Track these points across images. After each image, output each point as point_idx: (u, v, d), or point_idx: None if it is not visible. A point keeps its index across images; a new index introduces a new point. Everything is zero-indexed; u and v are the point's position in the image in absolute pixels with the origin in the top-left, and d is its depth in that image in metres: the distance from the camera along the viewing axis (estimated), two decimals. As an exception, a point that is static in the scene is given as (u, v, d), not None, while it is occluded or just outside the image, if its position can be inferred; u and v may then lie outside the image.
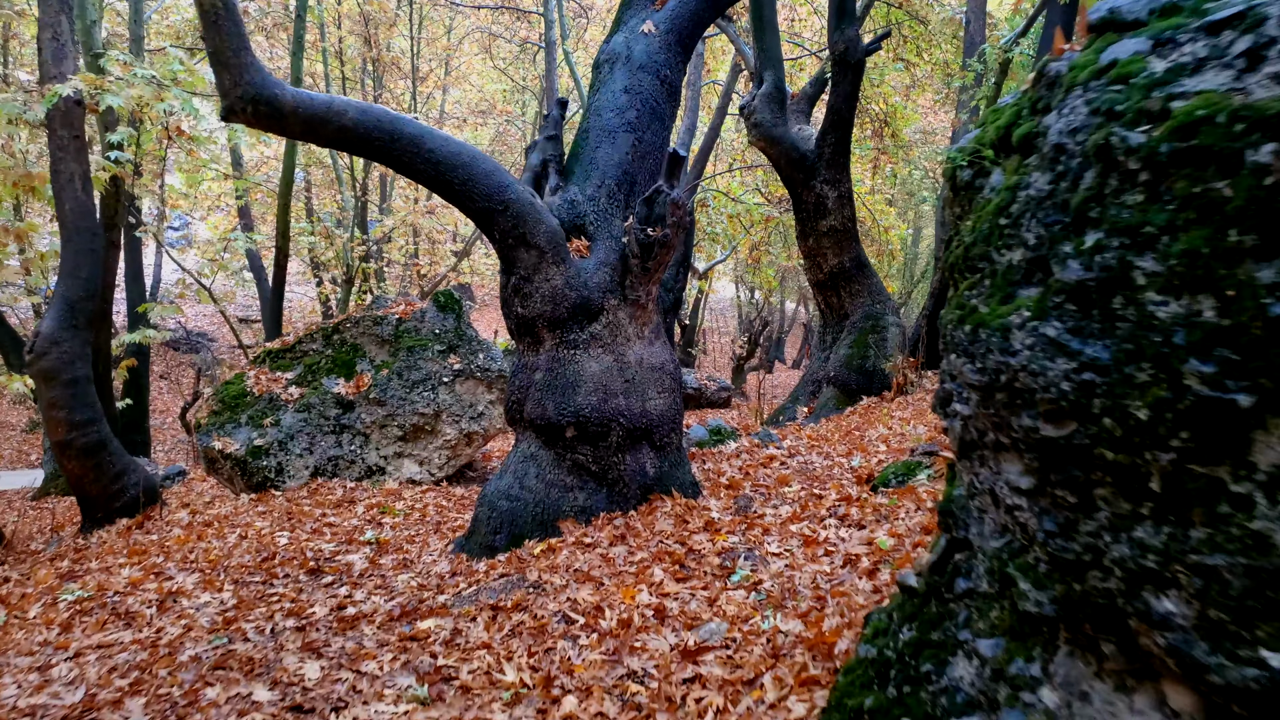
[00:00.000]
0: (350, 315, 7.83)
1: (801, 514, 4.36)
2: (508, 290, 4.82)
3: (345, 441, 7.27)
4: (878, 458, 5.05)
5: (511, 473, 4.78)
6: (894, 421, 6.64)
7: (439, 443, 7.42)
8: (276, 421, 7.22)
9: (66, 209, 6.35)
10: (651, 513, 4.54)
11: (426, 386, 7.42)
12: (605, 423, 4.60)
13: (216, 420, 7.28)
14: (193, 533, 5.74)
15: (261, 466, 7.02)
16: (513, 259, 4.68)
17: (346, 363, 7.62)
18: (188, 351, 20.96)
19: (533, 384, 4.77)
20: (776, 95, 8.88)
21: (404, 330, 7.69)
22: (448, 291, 7.93)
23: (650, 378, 4.78)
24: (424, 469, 7.42)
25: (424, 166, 4.45)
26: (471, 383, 7.56)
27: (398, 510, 6.32)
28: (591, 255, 4.79)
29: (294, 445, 7.14)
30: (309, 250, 19.70)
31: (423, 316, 7.77)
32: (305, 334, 7.86)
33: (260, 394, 7.42)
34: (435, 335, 7.68)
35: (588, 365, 4.67)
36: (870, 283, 9.13)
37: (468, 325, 7.87)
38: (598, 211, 4.87)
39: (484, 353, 7.71)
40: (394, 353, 7.62)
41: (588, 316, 4.68)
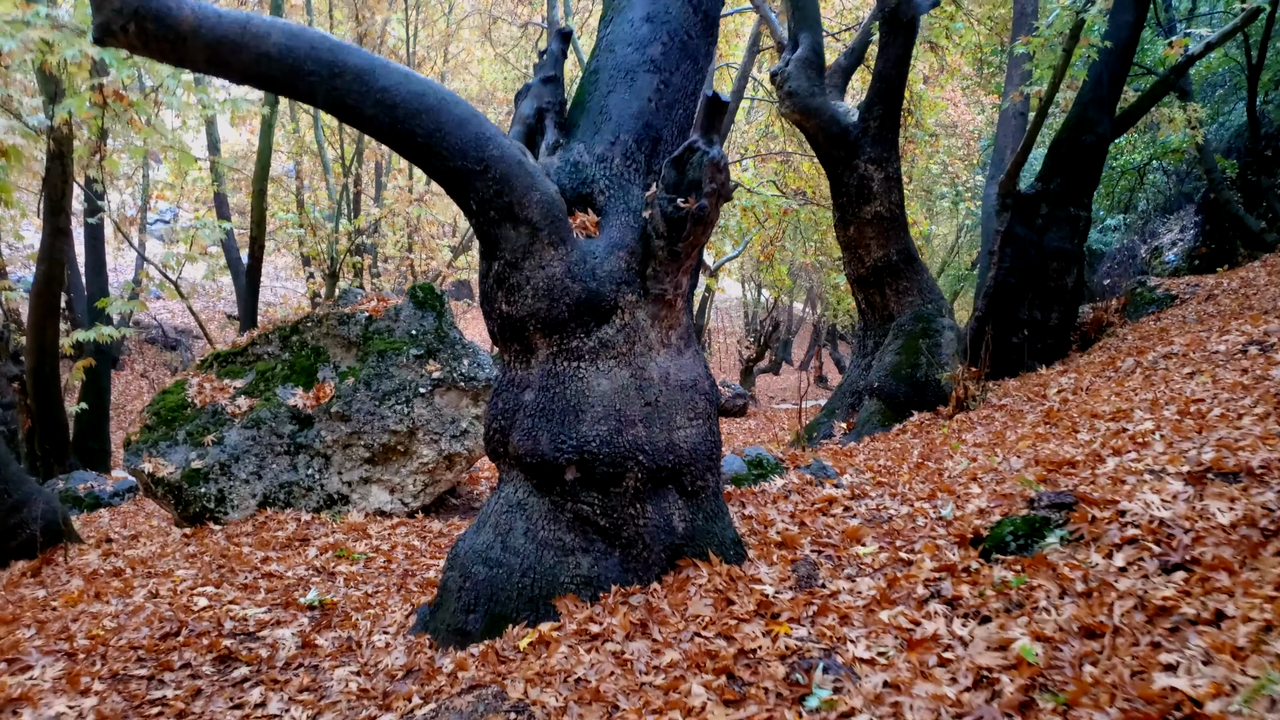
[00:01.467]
0: (312, 313, 6.63)
1: (890, 592, 3.14)
2: (489, 281, 3.60)
3: (302, 464, 6.06)
4: (974, 504, 3.84)
5: (492, 527, 3.56)
6: (969, 448, 5.41)
7: (414, 466, 6.21)
8: (220, 439, 6.01)
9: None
10: (682, 587, 3.32)
11: (400, 399, 6.21)
12: (619, 461, 3.38)
13: (149, 437, 6.07)
14: (93, 587, 4.53)
15: (199, 494, 5.81)
16: (495, 239, 3.47)
17: (306, 369, 6.41)
18: (165, 349, 19.76)
19: (521, 407, 3.55)
20: (814, 60, 7.67)
21: (374, 331, 6.48)
22: (427, 285, 6.72)
23: (679, 399, 3.56)
24: (396, 497, 6.20)
25: (375, 111, 3.25)
26: (453, 394, 6.35)
27: (357, 554, 5.12)
28: (602, 234, 3.58)
29: (240, 468, 5.93)
30: (299, 244, 18.53)
31: (397, 314, 6.56)
32: (259, 334, 6.65)
33: (203, 405, 6.22)
34: (411, 337, 6.47)
35: (596, 382, 3.45)
36: (920, 279, 7.91)
37: (450, 326, 6.66)
38: (610, 176, 3.66)
39: (469, 359, 6.49)
40: (362, 357, 6.42)
41: (596, 317, 3.47)
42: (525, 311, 3.50)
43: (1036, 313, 8.29)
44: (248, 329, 11.87)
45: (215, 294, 21.90)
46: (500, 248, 3.48)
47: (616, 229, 3.58)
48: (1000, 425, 5.96)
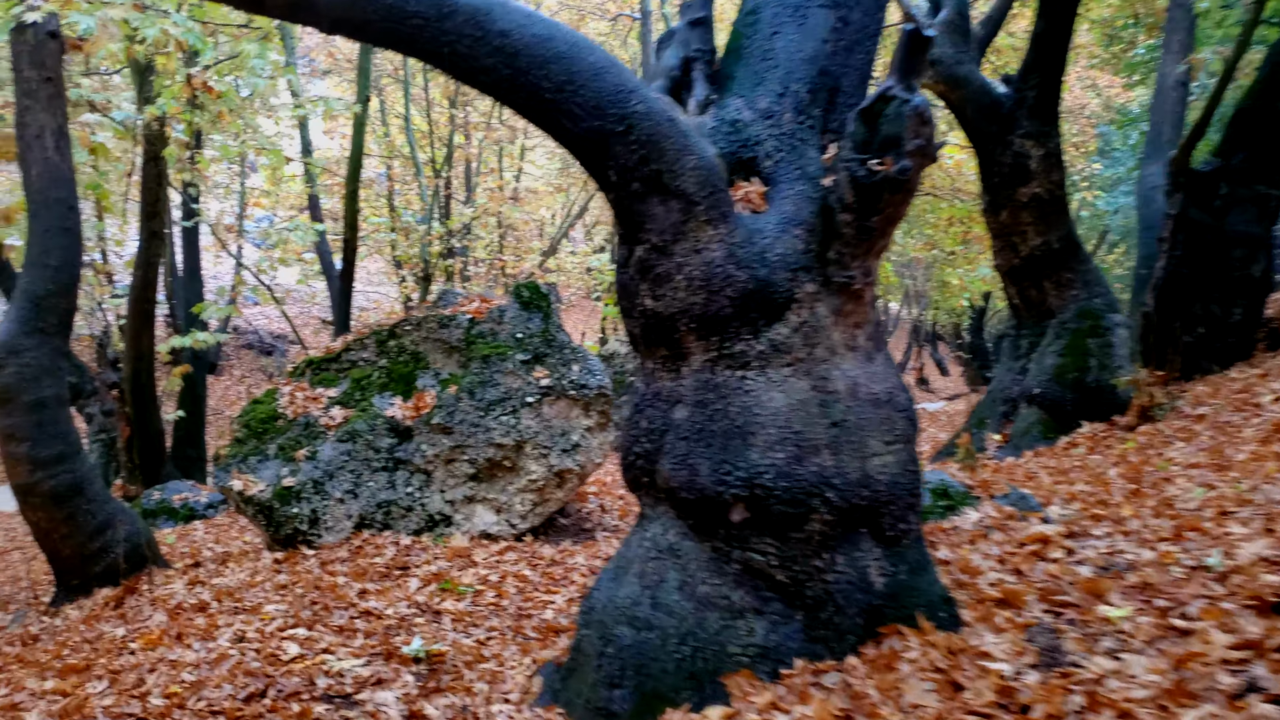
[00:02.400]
0: (410, 315, 6.08)
1: (1180, 677, 2.32)
2: (629, 271, 2.91)
3: (400, 481, 5.50)
4: (1248, 550, 2.98)
5: (637, 577, 2.87)
6: (1183, 469, 4.49)
7: (521, 483, 5.59)
8: (313, 454, 5.50)
9: (33, 174, 4.74)
10: (889, 663, 2.56)
11: (506, 409, 5.60)
12: (801, 497, 2.65)
13: (238, 451, 5.61)
14: (175, 624, 4.02)
15: (291, 515, 5.31)
16: (639, 217, 2.78)
17: (405, 376, 5.87)
18: (261, 354, 19.86)
19: (671, 427, 2.84)
20: (959, 24, 6.80)
21: (477, 334, 5.89)
22: (532, 283, 6.11)
23: (871, 418, 2.80)
24: (502, 518, 5.59)
25: (492, 61, 2.60)
26: (563, 404, 5.71)
27: (463, 587, 4.51)
28: (770, 208, 2.85)
29: (334, 486, 5.41)
30: (391, 247, 18.37)
31: (501, 316, 5.96)
32: (355, 339, 6.14)
33: (295, 417, 5.73)
34: (517, 341, 5.86)
35: (767, 396, 2.72)
36: (1085, 270, 6.95)
37: (558, 328, 6.03)
38: (779, 136, 2.92)
39: (579, 364, 5.84)
40: (464, 363, 5.84)
41: (766, 312, 2.75)
42: (676, 307, 2.79)
43: (1215, 307, 7.20)
44: (342, 334, 11.55)
45: (309, 299, 21.98)
46: (645, 228, 2.78)
47: (790, 201, 2.84)
48: (1211, 441, 4.99)
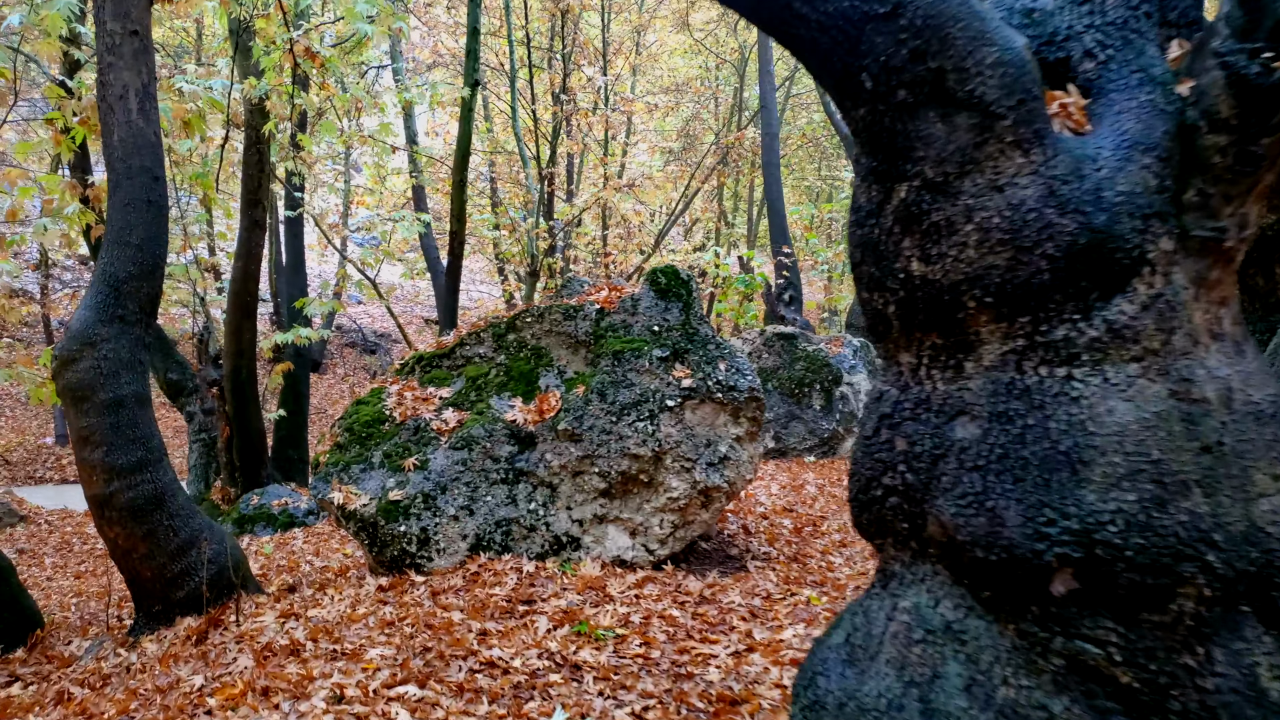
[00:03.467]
0: (531, 306, 5.33)
1: None
2: (885, 221, 2.03)
3: (522, 496, 4.75)
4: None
5: (894, 665, 1.98)
6: None
7: (660, 501, 4.76)
8: (423, 462, 4.80)
9: (115, 139, 4.15)
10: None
11: (641, 413, 4.78)
12: (1166, 560, 1.72)
13: (339, 459, 4.95)
14: (263, 672, 3.33)
15: (398, 534, 4.61)
16: (906, 139, 1.91)
17: (525, 375, 5.12)
18: (364, 353, 19.66)
19: (950, 449, 1.95)
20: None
21: (607, 327, 5.10)
22: (670, 268, 5.28)
23: (1255, 441, 1.85)
24: (638, 542, 4.78)
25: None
26: (709, 408, 4.86)
27: (603, 631, 3.70)
28: (1100, 128, 1.93)
29: (447, 501, 4.69)
30: (493, 244, 17.92)
31: (634, 306, 5.15)
32: (469, 333, 5.43)
33: (403, 420, 5.05)
34: (653, 334, 5.04)
35: (1107, 407, 1.81)
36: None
37: (700, 319, 5.18)
38: (1102, 26, 2.01)
39: (726, 361, 4.99)
40: (593, 360, 5.05)
41: (1105, 281, 1.84)
42: (962, 273, 1.90)
43: None
44: (447, 330, 10.99)
45: (412, 297, 21.77)
46: (914, 156, 1.90)
47: (1130, 116, 1.91)
48: None
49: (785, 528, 5.93)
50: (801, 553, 5.30)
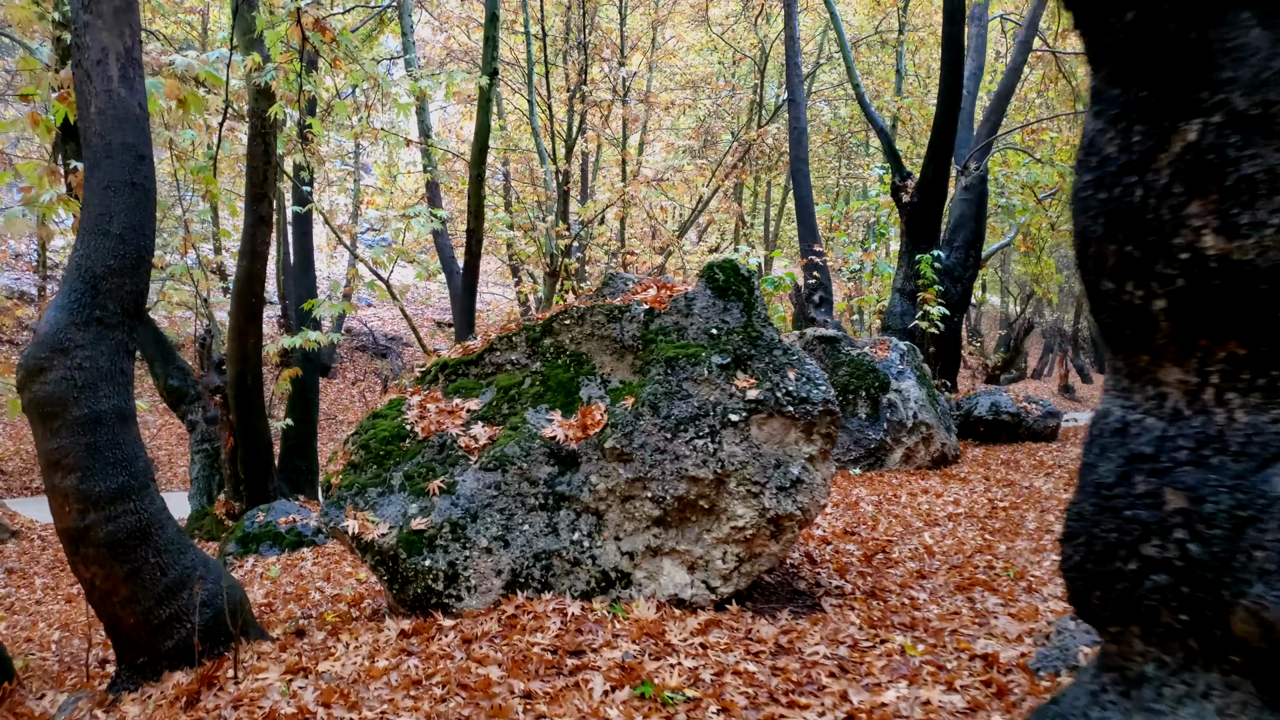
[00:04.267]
0: (569, 307, 4.71)
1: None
2: (1157, 178, 1.40)
3: (564, 524, 4.13)
4: None
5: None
6: None
7: (723, 532, 4.14)
8: (450, 486, 4.18)
9: (91, 111, 3.55)
10: None
11: (700, 429, 4.15)
12: None
13: (353, 480, 4.34)
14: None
15: (422, 569, 3.99)
16: (1199, 54, 1.27)
17: (565, 385, 4.50)
18: (375, 357, 19.06)
19: (1272, 509, 1.32)
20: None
21: (658, 330, 4.48)
22: (729, 262, 4.65)
23: None
24: (697, 578, 4.15)
25: None
26: (777, 424, 4.23)
27: (669, 694, 3.08)
28: None
29: (479, 531, 4.07)
30: (507, 245, 17.35)
31: (688, 306, 4.53)
32: (500, 336, 4.82)
33: (426, 436, 4.43)
34: (711, 338, 4.42)
35: None
36: None
37: (763, 321, 4.56)
38: None
39: (795, 369, 4.36)
40: (642, 368, 4.43)
41: None
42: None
43: None
44: (463, 337, 10.39)
45: (423, 299, 21.19)
46: (1210, 79, 1.28)
47: None
48: None
49: (853, 555, 5.29)
50: (878, 586, 4.66)
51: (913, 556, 5.33)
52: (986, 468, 8.92)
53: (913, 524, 6.20)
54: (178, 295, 10.00)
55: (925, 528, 6.12)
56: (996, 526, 6.04)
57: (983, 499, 7.08)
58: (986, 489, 7.57)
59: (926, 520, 6.33)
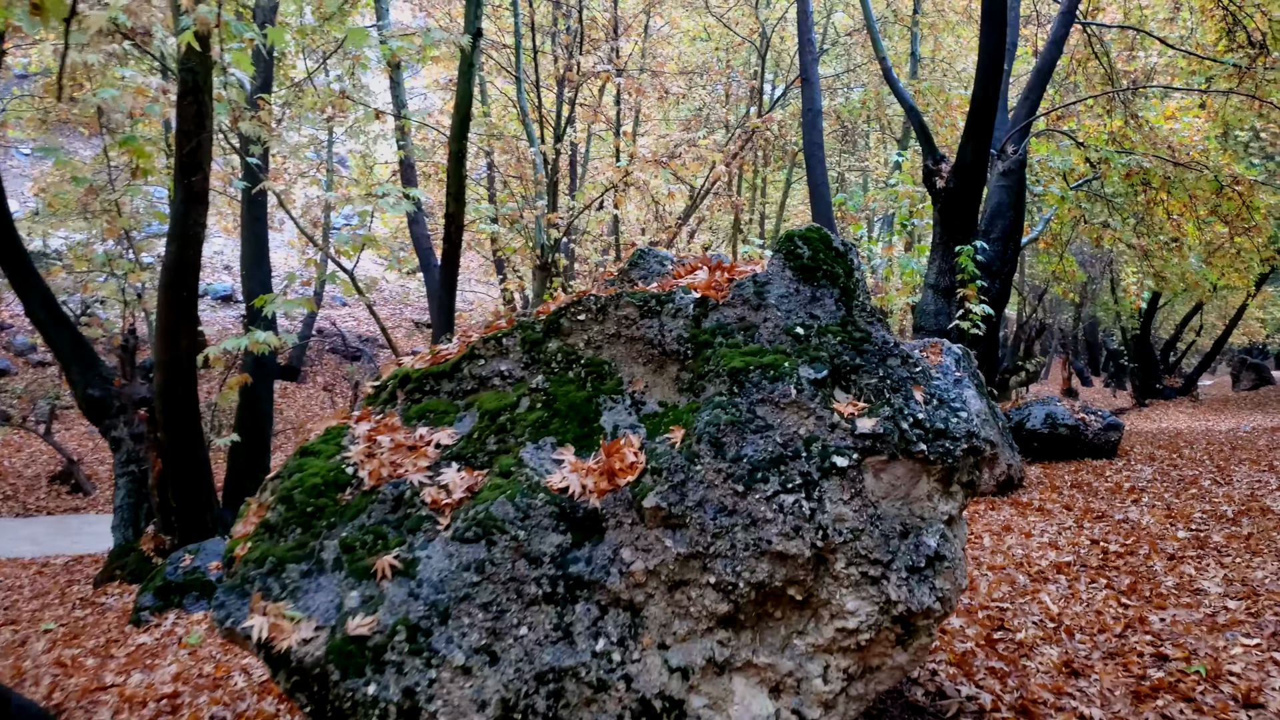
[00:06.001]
0: (584, 296, 3.29)
1: None
2: None
3: (582, 626, 2.70)
4: None
5: None
6: None
7: (825, 636, 2.73)
8: (409, 564, 2.75)
9: None
10: None
11: (789, 478, 2.74)
12: None
13: (267, 551, 2.90)
14: None
15: (364, 700, 2.55)
16: None
17: (578, 408, 3.09)
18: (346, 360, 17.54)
19: None
20: None
21: (715, 328, 3.08)
22: (818, 231, 3.25)
23: None
24: (785, 705, 2.73)
25: None
26: (902, 470, 2.82)
27: None
28: None
29: (451, 639, 2.64)
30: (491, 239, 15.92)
31: (759, 295, 3.12)
32: (485, 338, 3.39)
33: (375, 484, 3.01)
34: (796, 340, 3.01)
35: None
36: None
37: (871, 315, 3.16)
38: None
39: (922, 386, 2.97)
40: (692, 384, 3.02)
41: None
42: None
43: None
44: (442, 333, 8.96)
45: (401, 297, 19.70)
46: None
47: None
48: None
49: (966, 635, 3.90)
50: (1027, 696, 3.27)
51: (1044, 635, 3.94)
52: (1058, 493, 7.56)
53: (1016, 580, 4.82)
54: (103, 290, 8.50)
55: (1035, 584, 4.74)
56: (1126, 584, 4.66)
57: (1081, 539, 5.72)
58: (1078, 524, 6.21)
59: (1031, 573, 4.95)
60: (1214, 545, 5.34)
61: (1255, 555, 5.03)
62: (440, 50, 8.83)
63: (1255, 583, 4.49)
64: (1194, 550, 5.26)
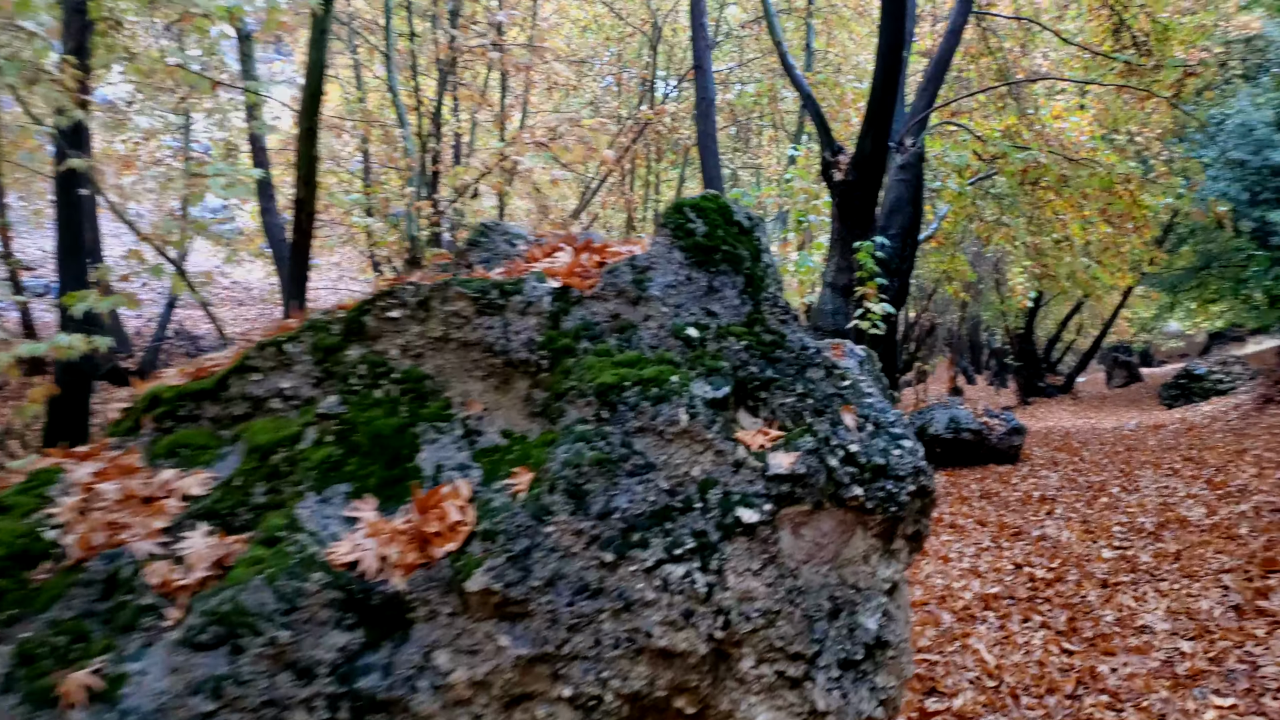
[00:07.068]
0: (399, 284, 2.41)
1: None
2: None
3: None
4: None
5: None
6: None
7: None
8: (115, 682, 1.82)
9: None
10: None
11: (674, 540, 1.94)
12: None
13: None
14: None
15: None
16: None
17: (386, 443, 2.20)
18: (197, 366, 15.95)
19: None
20: None
21: (580, 330, 2.25)
22: (713, 199, 2.46)
23: None
24: None
25: None
26: (830, 522, 2.06)
27: None
28: None
29: (168, 794, 1.73)
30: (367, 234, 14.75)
31: (639, 284, 2.31)
32: (260, 343, 2.47)
33: (84, 556, 2.06)
34: (689, 345, 2.21)
35: None
36: None
37: (783, 312, 2.39)
38: None
39: (856, 405, 2.21)
40: (548, 406, 2.19)
41: None
42: None
43: None
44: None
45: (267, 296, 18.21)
46: None
47: None
48: None
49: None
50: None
51: (986, 700, 3.28)
52: (968, 505, 7.07)
53: (942, 620, 4.18)
54: None
55: (964, 625, 4.10)
56: (1063, 621, 4.07)
57: (1004, 562, 5.17)
58: (996, 543, 5.68)
59: (957, 611, 4.32)
60: (1144, 567, 4.84)
61: (1191, 579, 4.54)
62: (290, 17, 7.76)
63: (1202, 615, 3.97)
64: (1126, 574, 4.75)
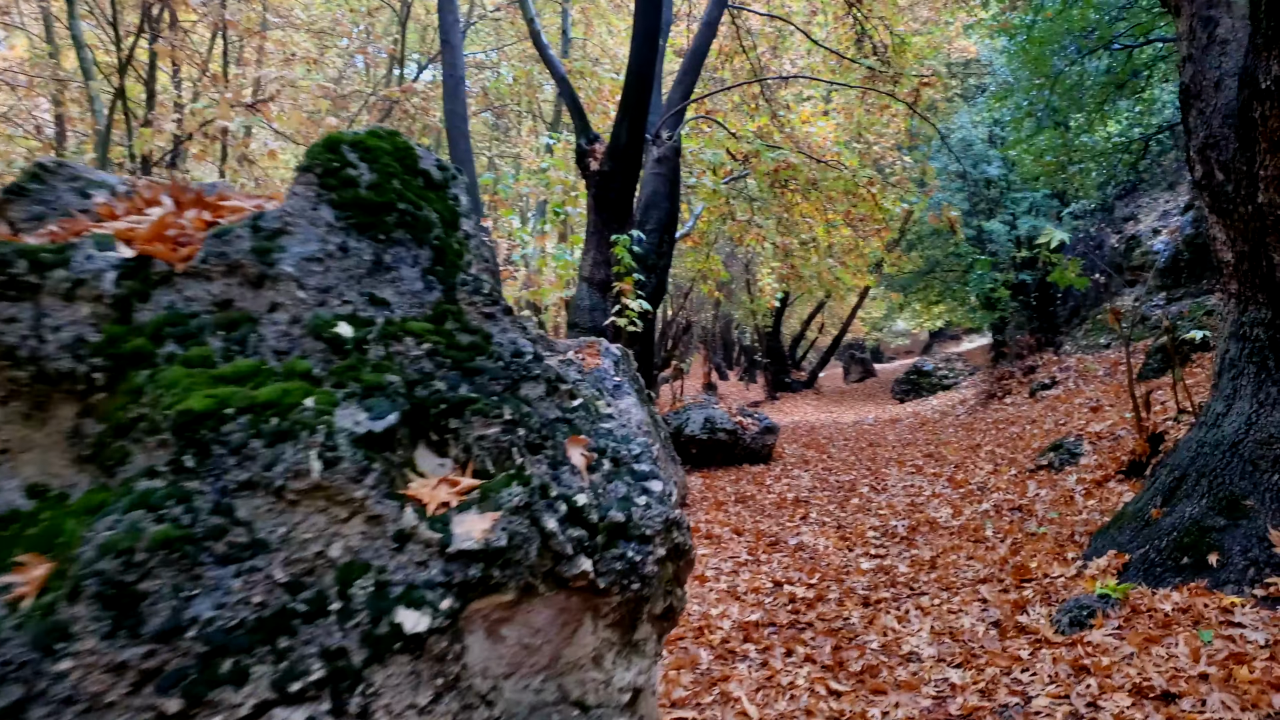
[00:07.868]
0: None
1: None
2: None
3: None
4: None
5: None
6: None
7: None
8: None
9: None
10: None
11: (288, 665, 1.19)
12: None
13: None
14: None
15: None
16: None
17: None
18: None
19: None
20: None
21: (162, 325, 1.43)
22: (390, 135, 1.71)
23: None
24: None
25: None
26: (544, 612, 1.39)
27: None
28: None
29: None
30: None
31: (265, 256, 1.52)
32: None
33: None
34: (338, 349, 1.46)
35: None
36: None
37: (486, 303, 1.69)
38: None
39: (590, 432, 1.56)
40: (102, 445, 1.35)
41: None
42: None
43: None
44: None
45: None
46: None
47: None
48: None
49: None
50: None
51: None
52: (724, 511, 6.76)
53: (700, 660, 3.67)
54: None
55: (722, 666, 3.62)
56: (829, 652, 3.70)
57: (762, 579, 4.81)
58: (753, 555, 5.34)
59: (715, 646, 3.84)
60: (903, 579, 4.64)
61: (949, 591, 4.37)
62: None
63: (965, 636, 3.74)
64: (886, 588, 4.52)
